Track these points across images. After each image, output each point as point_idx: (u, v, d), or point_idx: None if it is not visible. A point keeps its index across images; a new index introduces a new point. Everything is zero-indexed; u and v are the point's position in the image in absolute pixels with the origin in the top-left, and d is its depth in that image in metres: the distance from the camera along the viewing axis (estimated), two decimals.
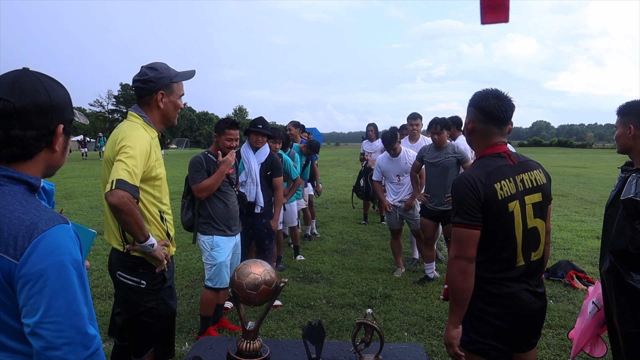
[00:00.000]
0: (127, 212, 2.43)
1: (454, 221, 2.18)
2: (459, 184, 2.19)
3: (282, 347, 2.50)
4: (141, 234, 2.54)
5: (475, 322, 2.23)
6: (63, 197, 13.88)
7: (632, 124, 2.71)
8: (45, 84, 1.33)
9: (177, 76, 2.78)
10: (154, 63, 2.77)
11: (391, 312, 5.04)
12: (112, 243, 2.73)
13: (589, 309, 3.14)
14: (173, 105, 2.79)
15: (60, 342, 1.20)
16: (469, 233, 2.14)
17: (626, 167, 2.82)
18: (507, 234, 2.18)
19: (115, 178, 2.42)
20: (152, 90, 2.70)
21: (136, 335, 2.76)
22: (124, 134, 2.59)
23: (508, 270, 2.20)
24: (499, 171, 2.19)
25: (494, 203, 2.13)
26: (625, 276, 2.56)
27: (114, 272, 2.75)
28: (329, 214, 11.24)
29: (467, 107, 2.33)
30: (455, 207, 2.19)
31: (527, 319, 2.25)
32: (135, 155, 2.51)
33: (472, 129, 2.31)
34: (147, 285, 2.71)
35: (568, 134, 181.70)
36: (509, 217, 2.17)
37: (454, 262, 2.17)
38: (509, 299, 2.20)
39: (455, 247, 2.18)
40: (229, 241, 4.34)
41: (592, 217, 10.59)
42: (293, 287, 5.84)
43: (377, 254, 7.49)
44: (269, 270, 2.09)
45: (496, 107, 2.23)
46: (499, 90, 2.28)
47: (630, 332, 2.60)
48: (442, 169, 5.68)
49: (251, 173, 5.01)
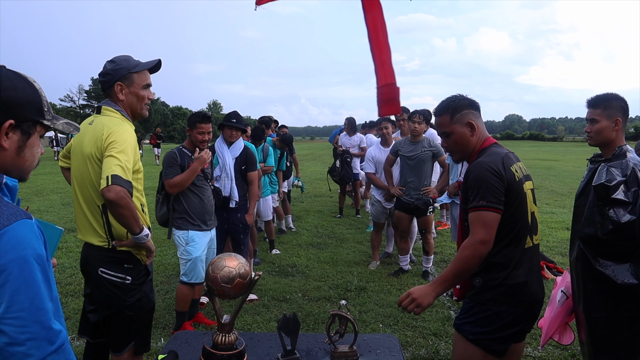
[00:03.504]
0: (124, 206, 2.43)
1: (478, 205, 2.16)
2: (479, 170, 2.20)
3: (257, 340, 2.52)
4: (137, 225, 2.55)
5: (483, 312, 2.24)
6: (34, 194, 13.61)
7: (618, 117, 2.75)
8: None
9: (137, 66, 2.72)
10: (115, 57, 2.75)
11: (366, 304, 5.09)
12: (90, 240, 2.67)
13: (558, 298, 3.21)
14: (135, 97, 2.73)
15: (24, 338, 1.19)
16: (496, 216, 2.15)
17: (595, 159, 2.90)
18: (524, 215, 2.25)
19: (110, 174, 2.42)
20: (110, 83, 2.68)
21: (118, 330, 2.73)
22: (110, 130, 2.56)
23: (520, 253, 2.24)
24: (508, 157, 2.28)
25: (515, 185, 2.20)
26: (593, 262, 2.64)
27: (94, 270, 2.68)
28: (305, 208, 11.26)
29: (453, 115, 2.34)
30: (478, 191, 2.17)
31: (535, 307, 2.31)
32: (126, 150, 2.51)
33: (476, 126, 2.34)
34: (133, 280, 2.70)
35: (539, 127, 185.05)
36: (524, 198, 2.25)
37: (479, 246, 2.14)
38: (521, 289, 2.22)
39: (481, 231, 2.14)
40: (204, 236, 4.32)
41: (562, 209, 10.83)
42: (269, 281, 5.85)
43: (352, 247, 7.54)
44: (243, 264, 2.10)
45: (474, 100, 2.38)
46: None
47: (596, 317, 2.69)
48: (418, 162, 5.72)
49: (225, 167, 5.00)
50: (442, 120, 2.37)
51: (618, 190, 2.57)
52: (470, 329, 2.26)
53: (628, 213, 2.54)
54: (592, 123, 2.81)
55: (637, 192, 2.57)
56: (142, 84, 2.74)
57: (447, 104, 2.37)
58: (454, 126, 2.34)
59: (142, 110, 2.81)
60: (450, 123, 2.35)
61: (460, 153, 2.42)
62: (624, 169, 2.64)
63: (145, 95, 2.78)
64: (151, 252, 2.74)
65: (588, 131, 2.86)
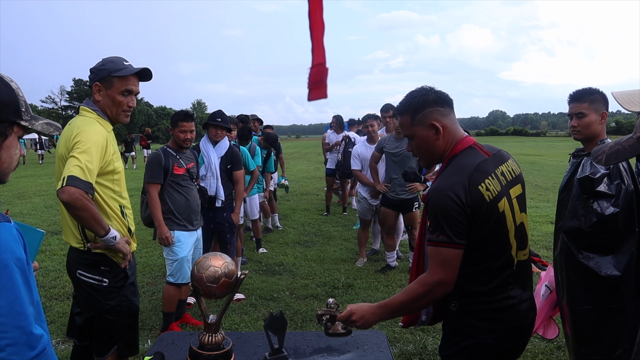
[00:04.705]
0: (80, 207, 2.36)
1: (437, 240, 1.83)
2: (439, 197, 1.84)
3: (244, 339, 2.51)
4: (100, 227, 2.47)
5: (464, 340, 1.95)
6: (16, 197, 13.44)
7: (604, 110, 2.75)
8: None
9: (121, 70, 2.62)
10: (107, 57, 2.69)
11: (354, 301, 5.08)
12: (70, 242, 2.66)
13: (542, 292, 3.24)
14: (111, 100, 2.64)
15: (4, 344, 1.17)
16: (457, 253, 1.82)
17: (577, 153, 2.91)
18: (502, 238, 1.90)
19: (67, 175, 2.36)
20: (91, 82, 2.65)
21: (98, 333, 2.71)
22: (78, 129, 2.51)
23: (502, 279, 1.91)
24: (479, 170, 1.87)
25: (482, 207, 1.82)
26: (577, 254, 2.67)
27: (73, 272, 2.68)
28: (291, 206, 11.24)
29: (414, 116, 1.96)
30: (438, 224, 1.83)
31: (523, 331, 2.01)
32: (89, 150, 2.44)
33: (443, 127, 1.94)
34: (110, 283, 2.66)
35: (523, 123, 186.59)
36: (499, 219, 1.87)
37: (437, 287, 1.84)
38: (505, 313, 1.92)
39: (440, 271, 1.83)
40: (190, 236, 4.30)
41: (546, 203, 10.93)
42: (256, 280, 5.83)
43: (339, 245, 7.55)
44: (228, 263, 2.08)
45: (443, 92, 1.99)
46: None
47: (579, 309, 2.72)
48: (403, 158, 5.73)
49: (211, 167, 4.97)
50: (403, 121, 2.02)
51: (602, 183, 2.60)
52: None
53: (611, 205, 2.58)
54: (579, 117, 2.78)
55: (619, 185, 2.60)
56: (122, 89, 2.64)
57: (407, 101, 1.99)
58: (414, 129, 1.97)
59: (119, 116, 2.70)
60: (411, 125, 1.97)
61: (426, 159, 2.08)
62: None
63: (124, 101, 2.67)
64: (124, 254, 2.66)
65: (575, 125, 2.81)
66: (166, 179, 4.20)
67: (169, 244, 4.15)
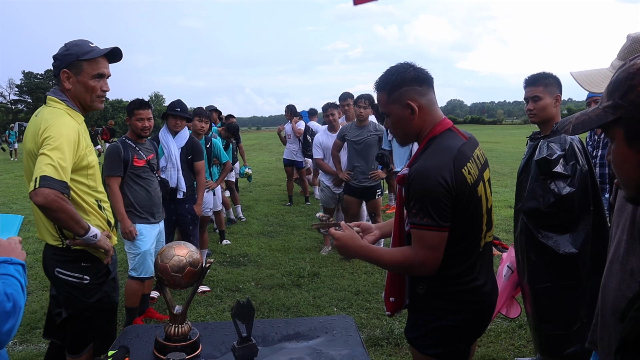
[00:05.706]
0: (57, 209, 2.22)
1: (422, 223, 1.80)
2: (425, 179, 1.79)
3: (211, 330, 2.47)
4: (80, 227, 2.35)
5: (431, 322, 1.96)
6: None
7: (557, 93, 2.83)
8: None
9: (89, 53, 2.43)
10: (70, 41, 2.50)
11: (320, 289, 5.11)
12: (46, 240, 2.51)
13: (504, 273, 3.32)
14: (83, 87, 2.46)
15: None
16: (442, 237, 1.81)
17: (534, 136, 2.99)
18: (478, 222, 1.92)
19: (39, 175, 2.18)
20: (57, 70, 2.46)
21: (75, 331, 2.58)
22: (47, 123, 2.32)
23: (473, 259, 1.92)
24: (462, 153, 1.85)
25: (465, 192, 1.81)
26: (536, 234, 2.75)
27: (51, 270, 2.53)
28: (254, 197, 11.17)
29: (391, 93, 1.93)
30: (422, 207, 1.79)
31: (488, 312, 2.04)
32: (60, 146, 2.26)
33: (419, 107, 1.90)
34: (91, 280, 2.54)
35: (480, 111, 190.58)
36: (478, 203, 1.90)
37: (420, 267, 1.85)
38: (471, 294, 1.94)
39: (424, 253, 1.82)
40: (152, 229, 4.21)
41: (505, 188, 11.20)
42: (220, 272, 5.78)
43: (303, 234, 7.55)
44: (193, 252, 2.05)
45: (423, 70, 1.95)
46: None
47: (539, 287, 2.80)
48: (365, 146, 5.76)
49: (171, 158, 4.87)
50: (380, 98, 1.99)
51: (558, 164, 2.68)
52: (423, 342, 2.00)
53: (568, 185, 2.66)
54: (535, 100, 2.85)
55: (575, 166, 2.69)
56: (93, 73, 2.46)
57: (385, 78, 1.95)
58: (391, 107, 1.95)
59: (94, 102, 2.54)
60: (387, 102, 1.95)
61: (402, 137, 2.05)
62: (562, 144, 2.76)
63: (97, 86, 2.50)
64: (106, 251, 2.57)
65: (531, 109, 2.88)
66: (126, 172, 4.10)
67: (133, 238, 4.06)
